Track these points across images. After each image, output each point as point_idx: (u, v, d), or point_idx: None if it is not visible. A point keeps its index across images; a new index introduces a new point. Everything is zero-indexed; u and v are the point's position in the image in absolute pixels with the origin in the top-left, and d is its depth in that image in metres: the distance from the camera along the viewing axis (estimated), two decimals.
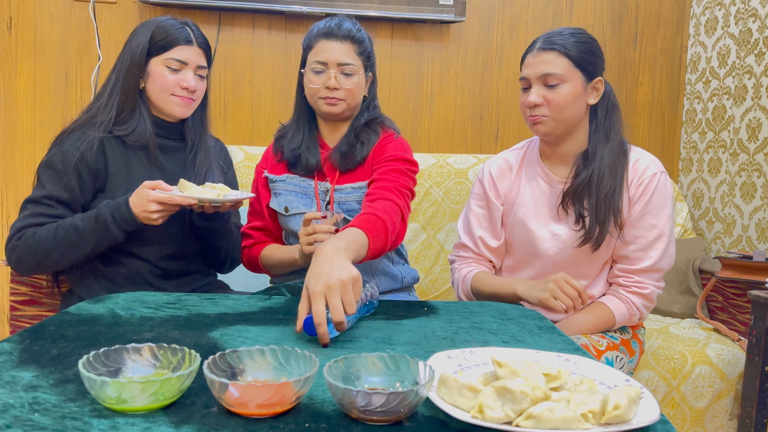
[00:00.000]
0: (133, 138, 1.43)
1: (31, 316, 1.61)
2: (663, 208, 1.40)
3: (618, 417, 0.70)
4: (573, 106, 1.38)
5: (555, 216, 1.45)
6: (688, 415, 1.80)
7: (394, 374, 0.78)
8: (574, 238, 1.42)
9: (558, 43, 1.37)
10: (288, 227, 1.56)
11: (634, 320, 1.45)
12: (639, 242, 1.41)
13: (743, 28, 2.33)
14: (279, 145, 1.58)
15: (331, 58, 1.45)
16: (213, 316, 1.13)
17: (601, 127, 1.42)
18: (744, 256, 1.94)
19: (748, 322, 1.66)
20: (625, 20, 2.65)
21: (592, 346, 1.37)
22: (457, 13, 2.43)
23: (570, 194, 1.42)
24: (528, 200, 1.49)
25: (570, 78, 1.37)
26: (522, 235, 1.49)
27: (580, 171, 1.41)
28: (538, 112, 1.39)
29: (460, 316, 1.20)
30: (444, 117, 2.60)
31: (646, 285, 1.42)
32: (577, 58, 1.37)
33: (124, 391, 0.69)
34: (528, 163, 1.53)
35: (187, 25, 1.45)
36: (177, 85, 1.43)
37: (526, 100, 1.41)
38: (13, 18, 2.36)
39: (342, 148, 1.50)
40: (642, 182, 1.40)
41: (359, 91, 1.50)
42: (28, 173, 2.40)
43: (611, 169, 1.39)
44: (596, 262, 1.45)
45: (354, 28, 1.48)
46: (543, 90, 1.38)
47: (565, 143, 1.44)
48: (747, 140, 2.29)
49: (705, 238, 2.51)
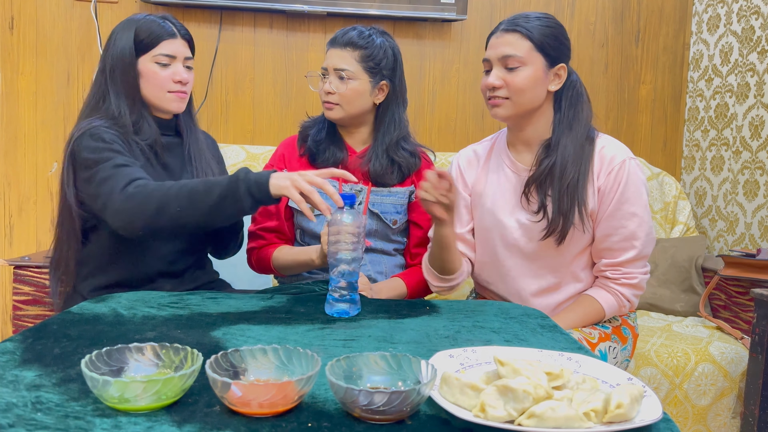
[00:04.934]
0: (148, 142, 1.42)
1: (34, 316, 1.62)
2: (639, 195, 1.37)
3: (620, 416, 0.69)
4: (532, 91, 1.36)
5: (521, 205, 1.43)
6: (691, 414, 1.80)
7: (396, 373, 0.78)
8: (538, 229, 1.40)
9: (522, 26, 1.36)
10: (309, 227, 1.57)
11: (624, 311, 1.44)
12: (620, 233, 1.37)
13: (746, 26, 2.32)
14: (304, 134, 1.62)
15: (330, 64, 1.52)
16: (215, 316, 1.13)
17: (565, 117, 1.39)
18: (747, 254, 1.93)
19: (751, 320, 1.65)
20: (627, 18, 2.64)
21: (586, 339, 1.36)
22: (458, 11, 2.42)
23: (532, 182, 1.39)
24: (495, 190, 1.47)
25: (531, 61, 1.35)
26: (491, 226, 1.46)
27: (542, 159, 1.39)
28: (497, 94, 1.36)
29: (462, 314, 1.20)
30: (446, 115, 2.60)
31: (634, 275, 1.39)
32: (539, 42, 1.35)
33: (127, 390, 0.69)
34: (495, 152, 1.51)
35: (167, 20, 1.45)
36: (170, 79, 1.42)
37: (486, 82, 1.39)
38: (15, 18, 2.36)
39: (377, 169, 1.55)
40: (611, 170, 1.37)
41: (356, 96, 1.52)
42: (30, 172, 2.41)
43: (575, 158, 1.36)
44: (564, 253, 1.41)
45: (358, 36, 1.51)
46: (503, 72, 1.36)
47: (526, 128, 1.42)
48: (750, 138, 2.28)
49: (708, 236, 2.50)
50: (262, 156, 2.24)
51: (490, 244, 1.48)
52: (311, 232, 1.58)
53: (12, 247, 2.43)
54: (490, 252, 1.48)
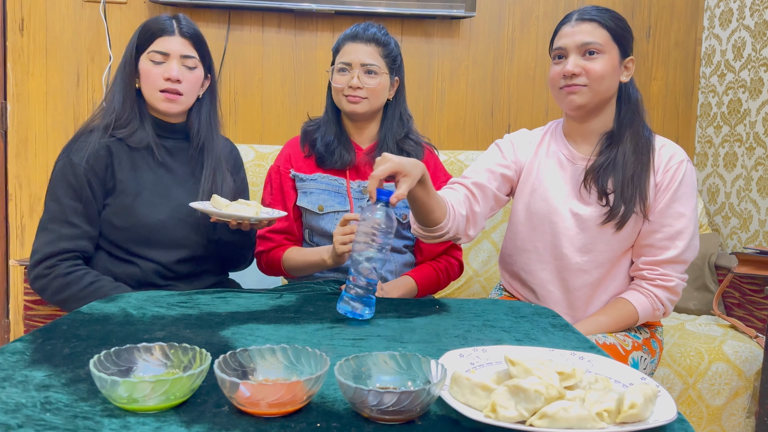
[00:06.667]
0: (135, 140, 1.43)
1: (45, 316, 1.62)
2: (690, 197, 1.37)
3: (634, 416, 0.68)
4: (609, 80, 1.36)
5: (577, 194, 1.41)
6: (705, 413, 1.78)
7: (405, 373, 0.77)
8: (597, 215, 1.38)
9: (596, 15, 1.37)
10: (318, 226, 1.57)
11: (657, 315, 1.41)
12: (665, 231, 1.36)
13: (759, 20, 2.29)
14: (310, 137, 1.61)
15: (355, 59, 1.52)
16: (224, 315, 1.12)
17: (628, 111, 1.40)
18: (761, 252, 1.91)
19: (766, 318, 1.63)
20: (638, 13, 2.62)
21: (620, 345, 1.34)
22: (467, 8, 2.41)
23: (593, 172, 1.38)
24: (550, 177, 1.45)
25: (608, 50, 1.36)
26: (544, 213, 1.43)
27: (604, 150, 1.39)
28: (576, 81, 1.36)
29: (472, 314, 1.19)
30: (455, 113, 2.59)
31: (671, 277, 1.37)
32: (615, 32, 1.36)
33: (135, 390, 0.69)
34: (550, 140, 1.50)
35: (175, 18, 1.45)
36: (161, 77, 1.41)
37: (561, 70, 1.37)
38: (25, 19, 2.37)
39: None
40: (669, 169, 1.37)
41: (382, 91, 1.55)
42: (41, 173, 2.42)
43: (636, 150, 1.37)
44: (614, 247, 1.39)
45: (380, 32, 1.55)
46: (581, 60, 1.36)
47: (592, 120, 1.41)
48: (763, 134, 2.25)
49: (721, 233, 2.48)
50: (270, 155, 2.24)
51: (538, 231, 1.45)
52: (321, 231, 1.57)
53: (24, 247, 2.44)
54: (536, 239, 1.46)
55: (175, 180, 1.46)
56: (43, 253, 1.37)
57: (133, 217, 1.40)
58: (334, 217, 1.56)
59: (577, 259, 1.41)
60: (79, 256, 1.40)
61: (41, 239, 1.39)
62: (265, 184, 1.65)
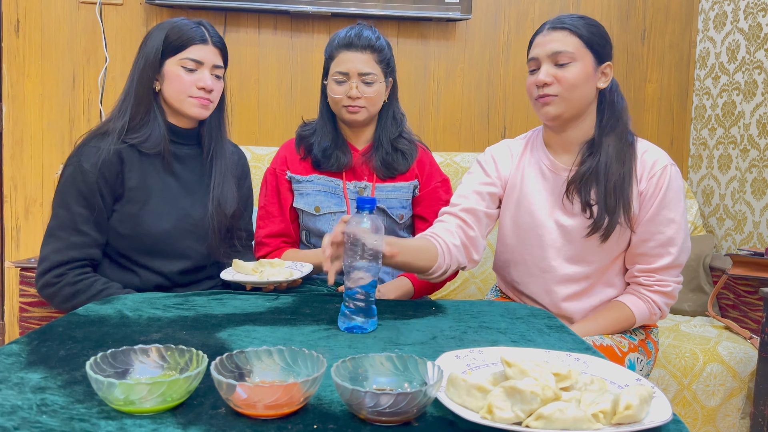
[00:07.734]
0: (148, 145, 1.41)
1: (40, 318, 1.62)
2: (678, 201, 1.36)
3: (629, 417, 0.69)
4: (583, 87, 1.34)
5: (560, 205, 1.41)
6: (700, 414, 1.79)
7: (402, 374, 0.78)
8: (582, 227, 1.37)
9: (568, 23, 1.36)
10: (315, 227, 1.57)
11: (654, 319, 1.42)
12: (657, 238, 1.36)
13: (753, 23, 2.30)
14: (306, 142, 1.61)
15: (352, 68, 1.51)
16: (220, 317, 1.12)
17: (609, 118, 1.38)
18: (755, 253, 1.92)
19: (760, 319, 1.64)
20: (633, 16, 2.63)
21: (617, 347, 1.34)
22: (463, 10, 2.42)
23: (575, 182, 1.37)
24: (533, 189, 1.44)
25: (581, 57, 1.34)
26: (530, 225, 1.43)
27: (585, 159, 1.37)
28: (548, 91, 1.34)
29: (469, 315, 1.19)
30: (451, 115, 2.59)
31: (667, 282, 1.38)
32: (587, 39, 1.35)
33: (132, 392, 0.69)
34: (531, 150, 1.49)
35: (202, 25, 1.44)
36: (193, 85, 1.40)
37: (534, 80, 1.37)
38: (21, 21, 2.37)
39: (385, 157, 1.58)
40: (653, 175, 1.36)
41: (379, 98, 1.56)
42: (36, 175, 2.42)
43: (618, 158, 1.35)
44: (603, 256, 1.40)
45: (373, 36, 1.53)
46: (553, 69, 1.35)
47: (571, 129, 1.40)
48: (757, 136, 2.27)
49: (715, 235, 2.49)
50: (267, 157, 2.24)
51: (525, 244, 1.45)
52: (318, 233, 1.57)
53: (19, 249, 2.43)
54: (525, 252, 1.46)
55: (183, 188, 1.45)
56: (52, 261, 1.36)
57: (138, 226, 1.39)
58: (331, 218, 1.56)
59: (567, 270, 1.41)
60: (87, 264, 1.39)
61: (50, 246, 1.37)
62: (261, 187, 1.65)
